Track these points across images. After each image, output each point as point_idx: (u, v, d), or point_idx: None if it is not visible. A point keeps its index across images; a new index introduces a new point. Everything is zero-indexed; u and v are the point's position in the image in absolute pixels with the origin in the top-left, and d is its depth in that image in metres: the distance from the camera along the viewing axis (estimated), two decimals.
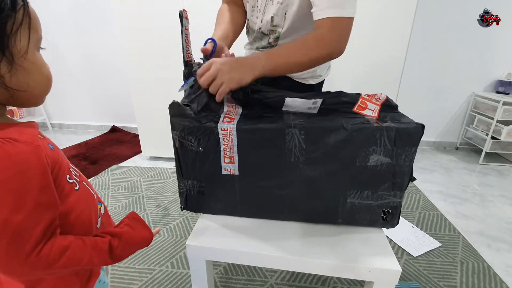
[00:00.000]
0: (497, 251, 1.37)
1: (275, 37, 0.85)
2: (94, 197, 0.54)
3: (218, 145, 0.65)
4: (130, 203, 1.72)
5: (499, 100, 2.17)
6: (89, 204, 0.51)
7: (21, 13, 0.39)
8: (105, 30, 2.65)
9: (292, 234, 0.71)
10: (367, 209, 0.68)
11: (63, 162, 0.46)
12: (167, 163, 2.25)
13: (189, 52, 0.72)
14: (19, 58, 0.39)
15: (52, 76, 0.45)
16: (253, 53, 0.93)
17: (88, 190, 0.53)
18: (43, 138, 0.45)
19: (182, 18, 0.67)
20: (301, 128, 0.61)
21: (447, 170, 2.26)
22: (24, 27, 0.39)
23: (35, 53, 0.42)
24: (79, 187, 0.49)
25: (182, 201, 0.76)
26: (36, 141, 0.40)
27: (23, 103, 0.43)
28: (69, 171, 0.48)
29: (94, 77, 2.87)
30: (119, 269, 1.23)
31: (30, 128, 0.44)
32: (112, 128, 3.04)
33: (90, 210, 0.51)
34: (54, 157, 0.43)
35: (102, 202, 0.58)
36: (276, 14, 0.80)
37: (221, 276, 1.19)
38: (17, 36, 0.38)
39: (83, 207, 0.49)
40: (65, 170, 0.46)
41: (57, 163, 0.44)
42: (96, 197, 0.56)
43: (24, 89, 0.40)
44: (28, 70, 0.41)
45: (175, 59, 1.92)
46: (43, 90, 0.44)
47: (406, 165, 0.62)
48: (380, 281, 0.63)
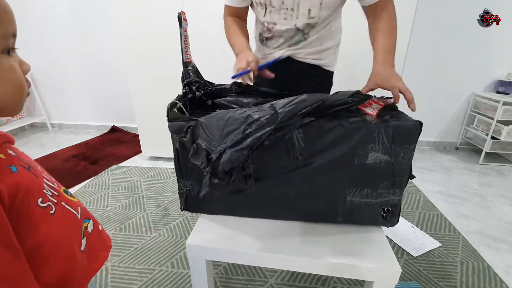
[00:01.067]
0: (497, 251, 1.37)
1: (310, 28, 0.92)
2: (77, 217, 0.47)
3: None
4: (130, 203, 1.72)
5: (499, 100, 2.17)
6: (69, 228, 0.44)
7: None
8: (105, 30, 2.65)
9: (292, 234, 0.71)
10: (367, 207, 0.68)
11: (31, 184, 0.38)
12: (167, 163, 2.25)
13: (188, 53, 0.73)
14: None
15: (23, 81, 0.37)
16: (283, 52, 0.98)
17: (68, 210, 0.45)
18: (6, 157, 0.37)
19: (181, 20, 0.68)
20: (299, 127, 0.61)
21: (447, 170, 2.26)
22: None
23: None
24: (55, 210, 0.41)
25: (182, 201, 0.76)
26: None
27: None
28: (43, 193, 0.40)
29: (94, 77, 2.87)
30: (119, 269, 1.23)
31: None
32: (112, 128, 3.04)
33: (71, 235, 0.44)
34: (16, 182, 0.36)
35: (91, 217, 0.51)
36: (313, 6, 0.86)
37: (221, 276, 1.19)
38: None
39: (61, 234, 0.42)
40: (34, 193, 0.39)
41: (21, 188, 0.36)
42: (82, 214, 0.48)
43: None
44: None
45: (175, 59, 1.92)
46: (7, 100, 0.36)
47: (405, 163, 0.63)
48: (380, 281, 0.63)
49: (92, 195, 1.80)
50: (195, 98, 0.76)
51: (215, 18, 1.87)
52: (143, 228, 1.49)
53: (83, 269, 0.46)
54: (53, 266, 0.40)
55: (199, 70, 0.83)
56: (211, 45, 1.85)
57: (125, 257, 1.29)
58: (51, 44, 2.76)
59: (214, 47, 1.87)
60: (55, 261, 0.41)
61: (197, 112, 0.73)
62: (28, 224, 0.37)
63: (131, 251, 1.33)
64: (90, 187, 1.90)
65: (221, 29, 1.07)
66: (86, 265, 0.47)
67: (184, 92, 0.75)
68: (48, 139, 2.83)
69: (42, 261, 0.39)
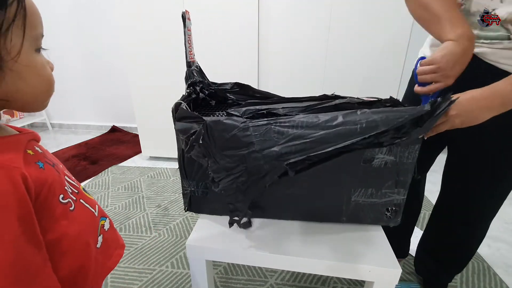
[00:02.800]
0: (497, 251, 1.37)
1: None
2: (94, 215, 0.49)
3: None
4: (130, 203, 1.72)
5: None
6: (87, 225, 0.46)
7: (14, 8, 0.33)
8: (105, 30, 2.65)
9: (292, 234, 0.71)
10: (371, 207, 0.68)
11: (55, 181, 0.40)
12: (167, 163, 2.25)
13: (191, 53, 0.72)
14: (9, 61, 0.33)
15: (53, 78, 0.40)
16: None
17: (87, 208, 0.47)
18: (34, 154, 0.39)
19: (185, 19, 0.67)
20: None
21: None
22: (17, 25, 0.33)
23: (32, 54, 0.36)
24: (74, 207, 0.43)
25: (186, 202, 0.76)
26: (14, 162, 0.34)
27: (18, 109, 0.38)
28: (64, 189, 0.42)
29: (94, 77, 2.87)
30: (119, 269, 1.23)
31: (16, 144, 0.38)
32: (112, 128, 3.04)
33: (88, 232, 0.46)
34: (42, 178, 0.38)
35: (107, 216, 0.53)
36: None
37: (221, 276, 1.19)
38: (7, 36, 0.32)
39: (79, 230, 0.44)
40: (56, 189, 0.40)
41: (46, 184, 0.38)
42: (99, 212, 0.51)
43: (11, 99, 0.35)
44: (20, 75, 0.35)
45: (175, 59, 1.94)
46: (39, 96, 0.39)
47: (409, 163, 0.63)
48: (380, 281, 0.63)
49: (92, 195, 1.78)
50: (198, 99, 0.76)
51: (215, 18, 1.88)
52: (143, 228, 1.50)
53: (98, 266, 0.47)
54: (70, 261, 0.42)
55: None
56: (211, 45, 1.85)
57: (125, 257, 1.29)
58: (51, 44, 2.73)
59: (214, 47, 1.87)
60: (72, 256, 0.42)
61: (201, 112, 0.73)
62: (49, 219, 0.38)
63: (131, 251, 1.32)
64: (90, 187, 1.89)
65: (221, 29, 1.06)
66: (101, 262, 0.48)
67: (188, 92, 0.75)
68: (48, 139, 2.83)
69: (59, 256, 0.40)
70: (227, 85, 0.84)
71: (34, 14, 0.36)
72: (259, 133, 0.57)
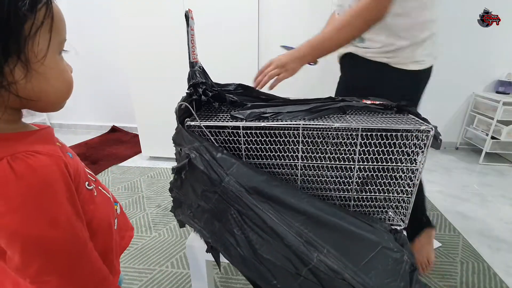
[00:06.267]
0: (497, 251, 1.37)
1: None
2: (110, 200, 0.53)
3: None
4: (130, 203, 1.72)
5: (499, 100, 2.17)
6: (107, 209, 0.51)
7: (42, 13, 0.34)
8: (105, 30, 2.65)
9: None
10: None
11: (81, 169, 0.44)
12: (167, 163, 2.25)
13: (194, 52, 0.72)
14: (36, 63, 0.35)
15: (73, 81, 0.42)
16: None
17: (104, 194, 0.52)
18: (61, 145, 0.43)
19: (188, 18, 0.66)
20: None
21: (447, 170, 2.26)
22: (45, 29, 0.35)
23: (56, 57, 0.38)
24: (96, 193, 0.48)
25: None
26: (57, 152, 0.39)
27: (40, 109, 0.40)
28: (88, 177, 0.47)
29: (94, 77, 2.87)
30: None
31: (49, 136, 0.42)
32: (112, 128, 3.04)
33: (109, 214, 0.51)
34: (75, 166, 0.42)
35: (117, 201, 0.58)
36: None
37: (221, 276, 1.19)
38: (35, 39, 0.34)
39: (103, 213, 0.49)
40: (82, 177, 0.44)
41: (77, 171, 0.42)
42: (112, 198, 0.55)
43: (36, 98, 0.37)
44: (45, 76, 0.37)
45: (175, 59, 1.94)
46: (61, 97, 0.41)
47: None
48: None
49: None
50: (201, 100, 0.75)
51: (215, 18, 1.88)
52: (143, 228, 1.50)
53: (117, 245, 0.53)
54: (99, 239, 0.47)
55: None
56: (211, 45, 1.85)
57: (125, 257, 1.29)
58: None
59: (214, 47, 1.87)
60: (101, 235, 0.48)
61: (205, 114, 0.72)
62: (81, 202, 0.42)
63: (131, 251, 1.32)
64: None
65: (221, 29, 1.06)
66: (118, 242, 0.55)
67: (189, 93, 0.74)
68: None
69: (91, 234, 0.44)
70: (230, 86, 0.83)
71: (60, 20, 0.39)
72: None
